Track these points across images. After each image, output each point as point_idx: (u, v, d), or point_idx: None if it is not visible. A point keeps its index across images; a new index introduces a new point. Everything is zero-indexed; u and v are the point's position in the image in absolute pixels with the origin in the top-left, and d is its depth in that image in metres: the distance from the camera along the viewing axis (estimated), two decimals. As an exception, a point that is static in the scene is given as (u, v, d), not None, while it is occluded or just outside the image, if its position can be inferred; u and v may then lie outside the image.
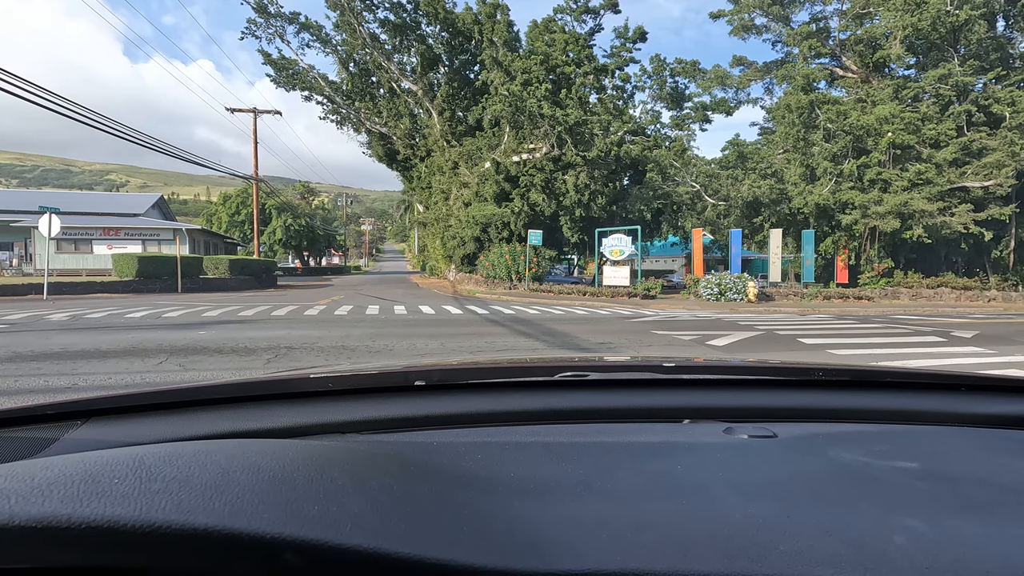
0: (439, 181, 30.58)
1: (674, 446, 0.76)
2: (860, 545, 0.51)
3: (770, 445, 0.77)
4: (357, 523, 0.47)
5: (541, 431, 0.82)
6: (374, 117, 33.93)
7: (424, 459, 0.70)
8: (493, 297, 19.97)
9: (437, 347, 7.35)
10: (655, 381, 1.03)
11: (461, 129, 30.31)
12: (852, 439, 0.81)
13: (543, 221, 25.73)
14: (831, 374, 1.04)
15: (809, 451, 0.75)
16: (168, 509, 0.43)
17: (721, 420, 0.87)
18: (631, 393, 0.98)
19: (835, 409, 0.96)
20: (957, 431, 0.90)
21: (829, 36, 26.40)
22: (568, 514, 0.56)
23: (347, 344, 7.39)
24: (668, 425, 0.87)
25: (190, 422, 0.80)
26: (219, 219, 50.08)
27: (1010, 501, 0.63)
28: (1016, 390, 1.05)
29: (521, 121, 23.53)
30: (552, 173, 24.92)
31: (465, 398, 0.93)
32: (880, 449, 0.76)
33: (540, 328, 9.92)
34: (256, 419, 0.81)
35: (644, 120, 25.60)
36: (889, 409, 0.96)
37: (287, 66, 31.64)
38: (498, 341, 8.09)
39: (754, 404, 0.96)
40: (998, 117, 21.54)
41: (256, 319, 10.76)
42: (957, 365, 6.66)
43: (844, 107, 21.95)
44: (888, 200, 20.77)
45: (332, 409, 0.85)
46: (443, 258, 33.31)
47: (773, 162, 24.74)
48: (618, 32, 25.73)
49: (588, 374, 1.00)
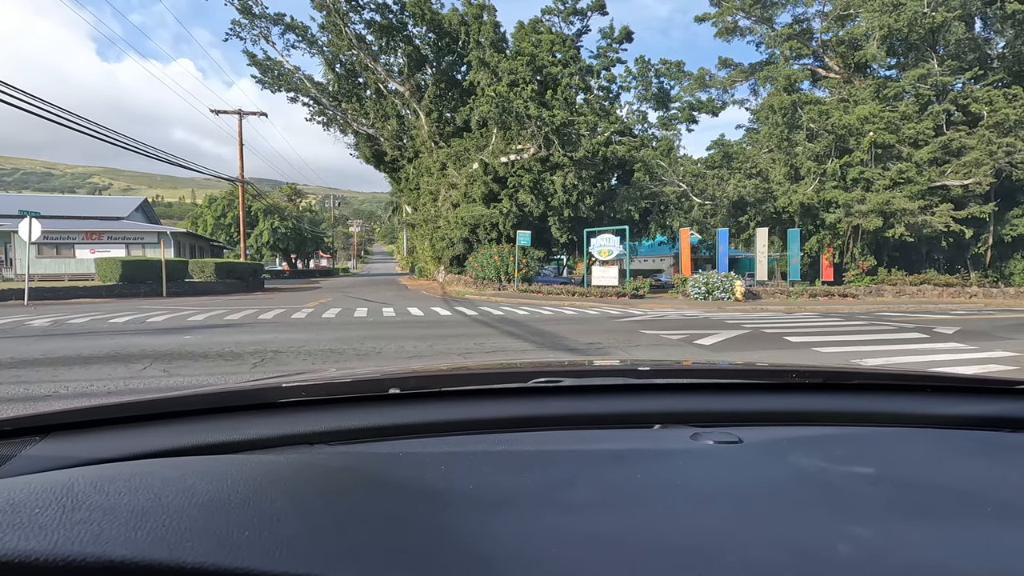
0: (427, 182, 30.52)
1: (640, 453, 0.76)
2: (806, 554, 0.51)
3: (734, 451, 0.77)
4: (290, 547, 0.46)
5: (510, 439, 0.82)
6: (361, 118, 33.77)
7: (385, 471, 0.69)
8: (482, 298, 19.95)
9: (426, 349, 7.34)
10: (629, 386, 1.04)
11: (449, 130, 30.26)
12: (815, 443, 0.82)
13: (532, 222, 25.77)
14: (804, 376, 1.04)
15: (772, 457, 0.76)
16: (86, 541, 0.42)
17: (691, 425, 0.87)
18: (604, 399, 0.98)
19: (803, 412, 0.96)
20: (918, 432, 0.90)
21: (812, 37, 26.75)
22: (525, 527, 0.55)
23: (335, 347, 7.35)
24: (638, 431, 0.87)
25: (154, 436, 0.78)
26: (205, 222, 49.54)
27: (959, 505, 0.64)
28: (977, 390, 1.06)
29: (508, 122, 23.56)
30: (540, 174, 24.96)
31: (437, 406, 0.92)
32: (840, 453, 0.77)
33: (529, 329, 9.94)
34: (223, 431, 0.80)
35: (631, 120, 25.75)
36: (855, 411, 0.97)
37: (273, 67, 31.38)
38: (487, 343, 8.09)
39: (724, 408, 0.96)
40: (976, 116, 21.95)
41: (242, 323, 10.66)
42: (938, 362, 6.78)
43: (826, 107, 22.25)
44: (871, 199, 21.08)
45: (301, 419, 0.84)
46: (432, 259, 33.23)
47: (758, 162, 25.00)
48: (604, 33, 25.86)
49: (562, 380, 0.99)
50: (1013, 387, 1.02)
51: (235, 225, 44.44)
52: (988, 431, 0.92)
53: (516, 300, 18.72)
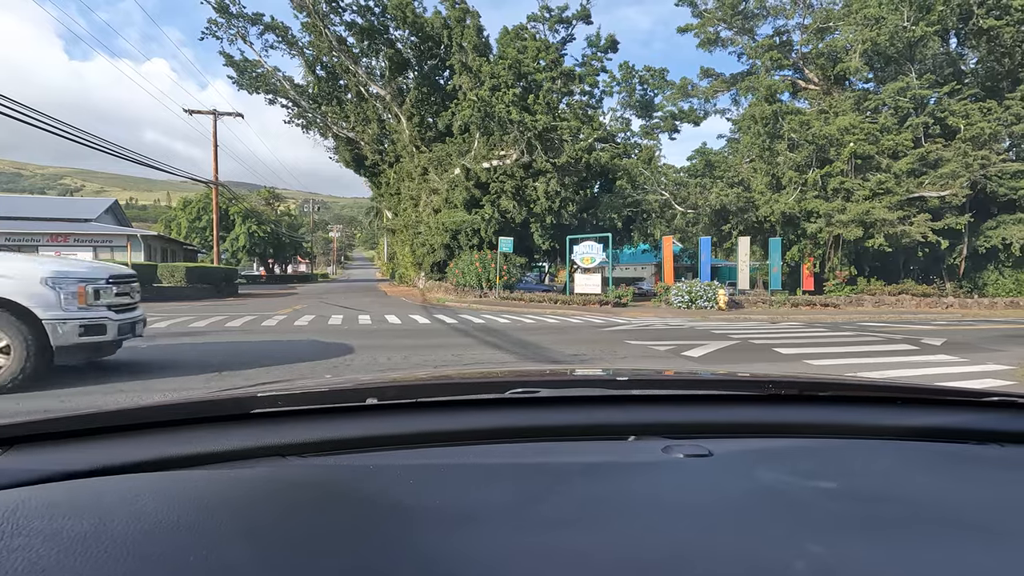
0: (408, 187, 30.02)
1: (612, 466, 0.76)
2: (761, 572, 0.51)
3: (703, 465, 0.76)
4: (234, 572, 0.45)
5: (483, 451, 0.82)
6: (341, 122, 33.22)
7: (353, 485, 0.68)
8: (463, 305, 19.52)
9: (401, 360, 6.90)
10: (606, 397, 1.03)
11: (430, 135, 29.86)
12: (783, 456, 0.82)
13: (514, 228, 25.46)
14: (779, 386, 1.04)
15: (739, 471, 0.76)
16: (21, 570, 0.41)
17: (665, 436, 0.86)
18: (580, 410, 0.96)
19: (774, 424, 0.96)
20: (885, 445, 0.90)
21: (792, 49, 27.01)
22: (492, 544, 0.55)
23: (303, 358, 6.87)
24: (612, 443, 0.86)
25: (118, 449, 0.75)
26: (179, 225, 48.21)
27: (921, 521, 0.63)
28: (946, 402, 1.04)
29: (491, 127, 23.28)
30: (523, 180, 24.70)
31: (412, 417, 0.90)
32: (806, 467, 0.78)
33: (511, 339, 9.55)
34: (191, 443, 0.77)
35: (614, 127, 25.66)
36: (826, 423, 0.96)
37: (250, 68, 30.69)
38: (466, 354, 7.69)
39: (697, 420, 0.96)
40: (953, 129, 22.28)
41: (208, 331, 10.08)
42: (932, 376, 6.57)
43: (807, 117, 22.39)
44: (851, 209, 21.21)
45: (275, 431, 0.81)
46: (412, 266, 32.72)
47: (740, 171, 25.07)
48: (590, 41, 25.74)
49: (539, 391, 0.98)
50: (981, 399, 1.03)
51: (210, 229, 43.30)
52: (955, 443, 0.91)
53: (497, 308, 18.33)
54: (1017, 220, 23.65)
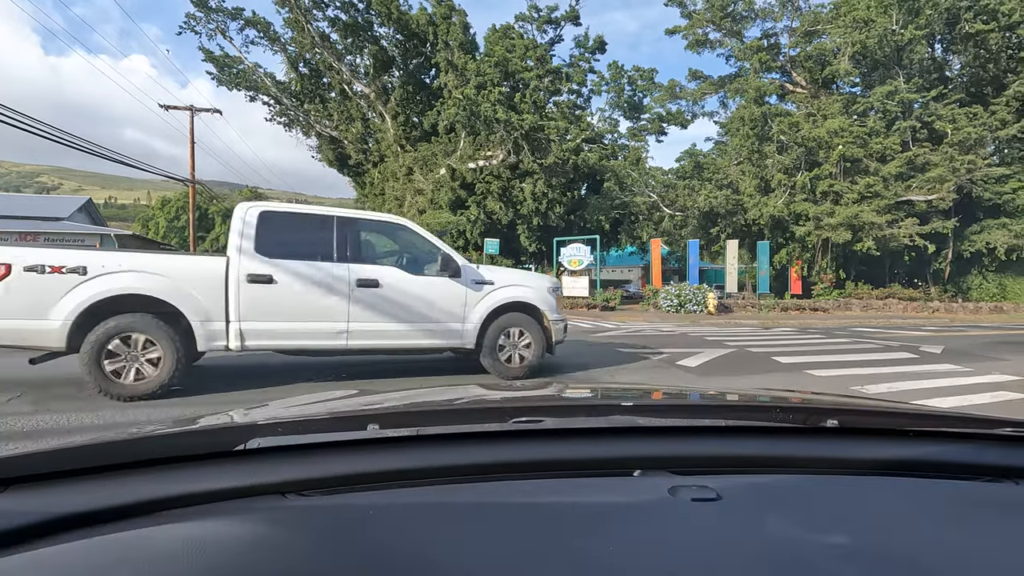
0: (393, 188, 29.42)
1: (616, 509, 0.73)
2: None
3: (711, 512, 0.73)
4: None
5: (484, 490, 0.78)
6: (324, 120, 32.48)
7: (352, 528, 0.65)
8: (447, 309, 19.00)
9: (368, 372, 6.37)
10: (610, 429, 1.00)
11: (416, 134, 29.29)
12: (795, 497, 0.80)
13: (500, 230, 25.02)
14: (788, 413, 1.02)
15: (749, 517, 0.73)
16: None
17: (671, 470, 0.84)
18: (584, 442, 0.93)
19: (785, 458, 0.91)
20: (902, 483, 0.86)
21: (779, 52, 26.92)
22: None
23: (264, 362, 6.32)
24: (617, 480, 0.83)
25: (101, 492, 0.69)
26: (156, 224, 47.09)
27: None
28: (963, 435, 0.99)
29: (477, 126, 22.82)
30: (509, 181, 24.27)
31: (412, 451, 0.86)
32: (819, 512, 0.75)
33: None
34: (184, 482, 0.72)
35: (602, 128, 25.33)
36: (839, 457, 0.92)
37: (230, 64, 29.83)
38: (449, 366, 7.18)
39: (704, 453, 0.92)
40: (940, 134, 22.29)
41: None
42: (942, 388, 6.22)
43: (796, 119, 22.24)
44: (840, 212, 21.08)
45: (271, 467, 0.77)
46: (397, 268, 32.11)
47: (728, 173, 24.88)
48: (578, 41, 25.39)
49: (543, 421, 0.96)
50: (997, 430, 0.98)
51: (188, 228, 42.35)
52: (977, 480, 0.87)
53: (483, 311, 17.83)
54: (1001, 224, 23.77)
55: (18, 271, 4.44)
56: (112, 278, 4.60)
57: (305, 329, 5.23)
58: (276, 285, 5.09)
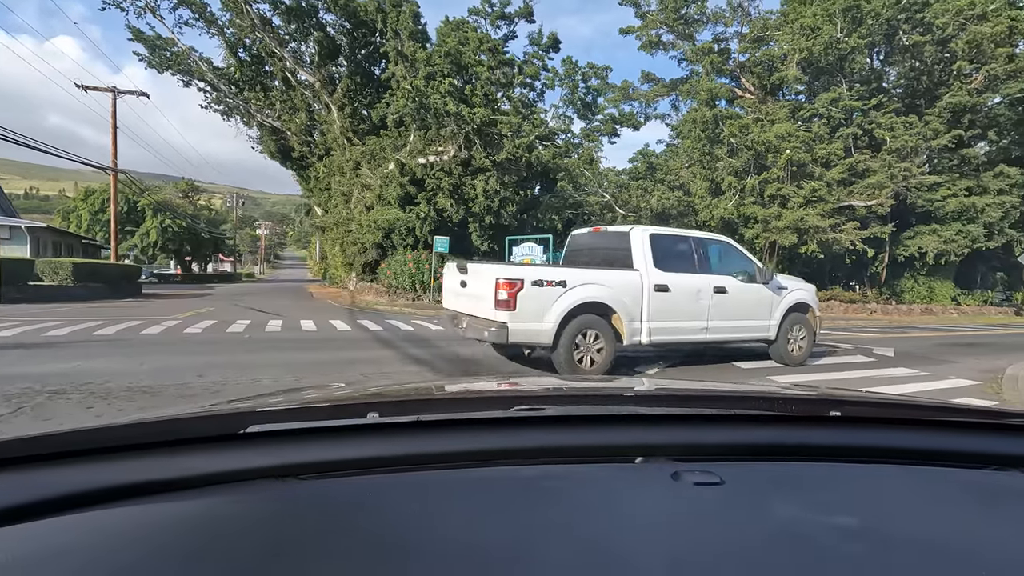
0: (339, 182, 28.06)
1: (619, 495, 0.73)
2: None
3: (714, 496, 0.73)
4: None
5: (485, 475, 0.78)
6: (266, 109, 30.70)
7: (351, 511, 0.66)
8: (394, 310, 18.06)
9: (292, 384, 5.51)
10: (612, 416, 0.99)
11: (364, 128, 28.03)
12: (797, 484, 0.79)
13: (451, 228, 24.19)
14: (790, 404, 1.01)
15: (753, 501, 0.73)
16: None
17: (674, 458, 0.83)
18: (585, 430, 0.92)
19: (788, 446, 0.91)
20: (906, 471, 0.86)
21: (729, 57, 27.30)
22: None
23: (159, 381, 5.36)
24: (619, 467, 0.83)
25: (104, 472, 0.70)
26: (79, 217, 43.54)
27: (946, 559, 0.60)
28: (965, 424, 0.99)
29: (427, 120, 21.92)
30: (461, 177, 23.49)
31: (413, 437, 0.85)
32: (822, 497, 0.75)
33: (440, 352, 8.33)
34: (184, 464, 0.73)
35: (556, 126, 24.88)
36: (842, 445, 0.92)
37: (162, 46, 27.69)
38: (383, 372, 6.39)
39: (708, 441, 0.91)
40: (879, 142, 23.03)
41: (65, 341, 8.22)
42: (906, 393, 5.93)
43: (745, 122, 22.49)
44: (787, 215, 21.42)
45: (272, 450, 0.77)
46: (343, 266, 30.74)
47: (680, 175, 24.97)
48: (532, 39, 24.75)
49: (544, 408, 0.94)
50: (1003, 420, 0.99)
51: (111, 220, 39.17)
52: (979, 469, 0.87)
53: (431, 312, 17.00)
54: (932, 230, 24.84)
55: (528, 285, 5.63)
56: (580, 289, 5.85)
57: (684, 326, 6.55)
58: (670, 293, 6.37)
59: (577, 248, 7.60)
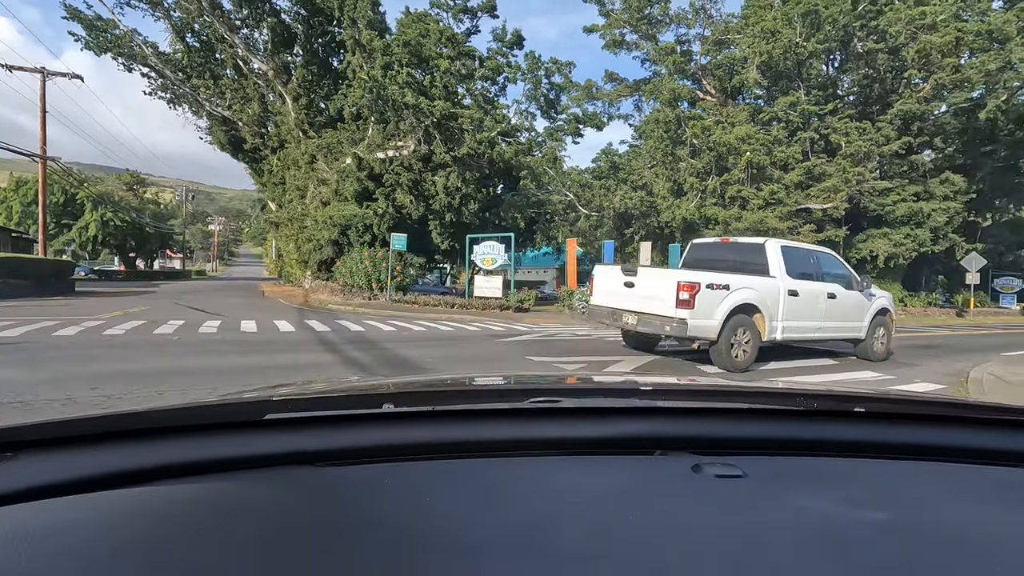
0: (294, 176, 26.85)
1: (639, 486, 0.73)
2: None
3: (737, 488, 0.72)
4: None
5: (501, 465, 0.78)
6: (216, 98, 29.17)
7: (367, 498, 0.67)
8: (347, 309, 17.22)
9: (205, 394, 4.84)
10: (628, 409, 0.98)
11: (321, 120, 26.90)
12: (821, 477, 0.78)
13: (411, 225, 23.41)
14: (812, 400, 0.98)
15: (776, 493, 0.73)
16: None
17: (692, 451, 0.83)
18: (602, 422, 0.91)
19: (810, 441, 0.90)
20: (932, 467, 0.85)
21: (691, 58, 27.46)
22: None
23: (41, 395, 4.58)
24: (638, 459, 0.82)
25: (132, 455, 0.73)
26: (10, 209, 40.62)
27: (972, 556, 0.59)
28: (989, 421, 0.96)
29: (385, 112, 21.12)
30: (421, 173, 22.76)
31: (429, 426, 0.86)
32: (847, 491, 0.73)
33: (385, 355, 7.71)
34: (208, 448, 0.75)
35: (518, 122, 24.38)
36: (866, 441, 0.90)
37: (103, 27, 25.87)
38: (322, 376, 5.75)
39: (727, 434, 0.91)
40: (835, 146, 23.49)
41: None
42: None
43: (707, 123, 22.56)
44: (747, 217, 21.58)
45: (290, 438, 0.79)
46: (298, 263, 29.50)
47: (643, 175, 24.90)
48: (496, 35, 24.15)
49: (560, 400, 0.94)
50: None
51: (52, 214, 36.60)
52: (1005, 467, 0.86)
53: (386, 312, 16.27)
54: (883, 234, 25.56)
55: (703, 288, 6.32)
56: (738, 292, 6.61)
57: (806, 326, 7.42)
58: (798, 297, 7.20)
59: (701, 257, 8.25)
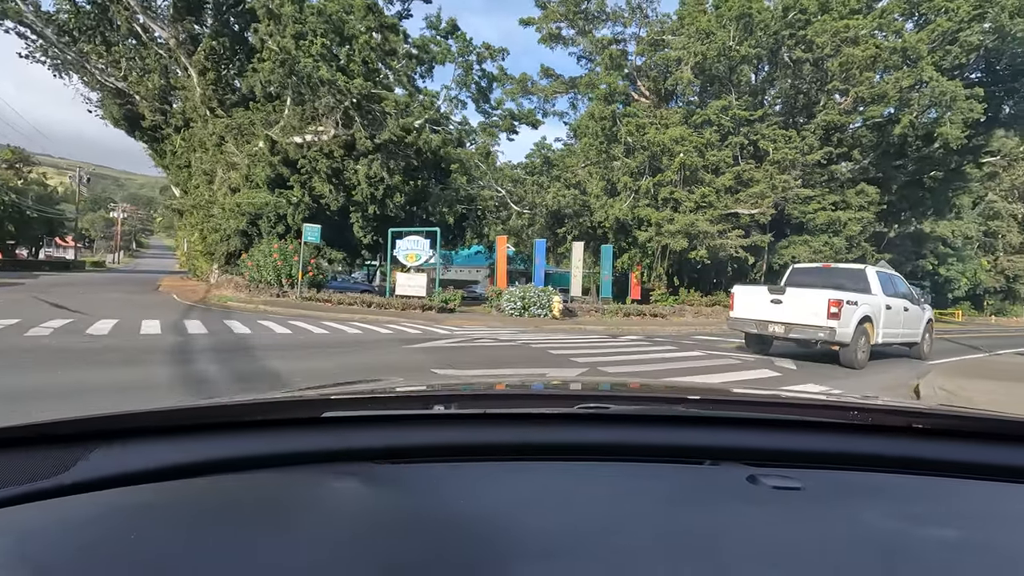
0: (200, 159, 24.12)
1: (692, 495, 0.73)
2: None
3: (794, 500, 0.71)
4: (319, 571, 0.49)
5: (551, 469, 0.79)
6: (109, 67, 25.92)
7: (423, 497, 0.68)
8: (249, 308, 15.29)
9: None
10: (677, 416, 0.98)
11: (232, 99, 24.34)
12: (884, 493, 0.76)
13: (329, 217, 21.53)
14: (870, 414, 0.96)
15: (836, 508, 0.71)
16: None
17: (745, 463, 0.81)
18: (651, 429, 0.91)
19: (870, 456, 0.88)
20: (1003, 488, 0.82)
21: (627, 58, 27.20)
22: None
23: None
24: (688, 468, 0.81)
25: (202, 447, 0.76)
26: None
27: None
28: None
29: (300, 90, 19.18)
30: (342, 160, 20.95)
31: (479, 429, 0.88)
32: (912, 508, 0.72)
33: (261, 368, 6.25)
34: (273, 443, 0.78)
35: (448, 109, 23.00)
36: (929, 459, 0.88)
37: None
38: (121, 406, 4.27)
39: (782, 447, 0.89)
40: (763, 152, 23.82)
41: None
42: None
43: (642, 121, 22.20)
44: (679, 219, 21.36)
45: (346, 436, 0.82)
46: (204, 256, 26.71)
47: (577, 173, 24.27)
48: (429, 22, 22.62)
49: (608, 406, 0.94)
50: None
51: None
52: None
53: (294, 311, 14.51)
54: (804, 241, 26.28)
55: (845, 304, 8.17)
56: (863, 307, 8.51)
57: (893, 333, 9.34)
58: (891, 310, 9.21)
59: (802, 280, 9.72)
